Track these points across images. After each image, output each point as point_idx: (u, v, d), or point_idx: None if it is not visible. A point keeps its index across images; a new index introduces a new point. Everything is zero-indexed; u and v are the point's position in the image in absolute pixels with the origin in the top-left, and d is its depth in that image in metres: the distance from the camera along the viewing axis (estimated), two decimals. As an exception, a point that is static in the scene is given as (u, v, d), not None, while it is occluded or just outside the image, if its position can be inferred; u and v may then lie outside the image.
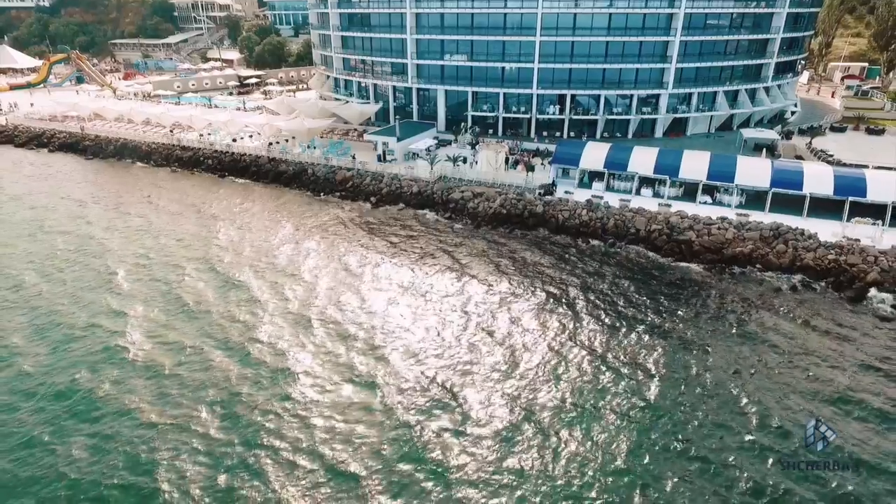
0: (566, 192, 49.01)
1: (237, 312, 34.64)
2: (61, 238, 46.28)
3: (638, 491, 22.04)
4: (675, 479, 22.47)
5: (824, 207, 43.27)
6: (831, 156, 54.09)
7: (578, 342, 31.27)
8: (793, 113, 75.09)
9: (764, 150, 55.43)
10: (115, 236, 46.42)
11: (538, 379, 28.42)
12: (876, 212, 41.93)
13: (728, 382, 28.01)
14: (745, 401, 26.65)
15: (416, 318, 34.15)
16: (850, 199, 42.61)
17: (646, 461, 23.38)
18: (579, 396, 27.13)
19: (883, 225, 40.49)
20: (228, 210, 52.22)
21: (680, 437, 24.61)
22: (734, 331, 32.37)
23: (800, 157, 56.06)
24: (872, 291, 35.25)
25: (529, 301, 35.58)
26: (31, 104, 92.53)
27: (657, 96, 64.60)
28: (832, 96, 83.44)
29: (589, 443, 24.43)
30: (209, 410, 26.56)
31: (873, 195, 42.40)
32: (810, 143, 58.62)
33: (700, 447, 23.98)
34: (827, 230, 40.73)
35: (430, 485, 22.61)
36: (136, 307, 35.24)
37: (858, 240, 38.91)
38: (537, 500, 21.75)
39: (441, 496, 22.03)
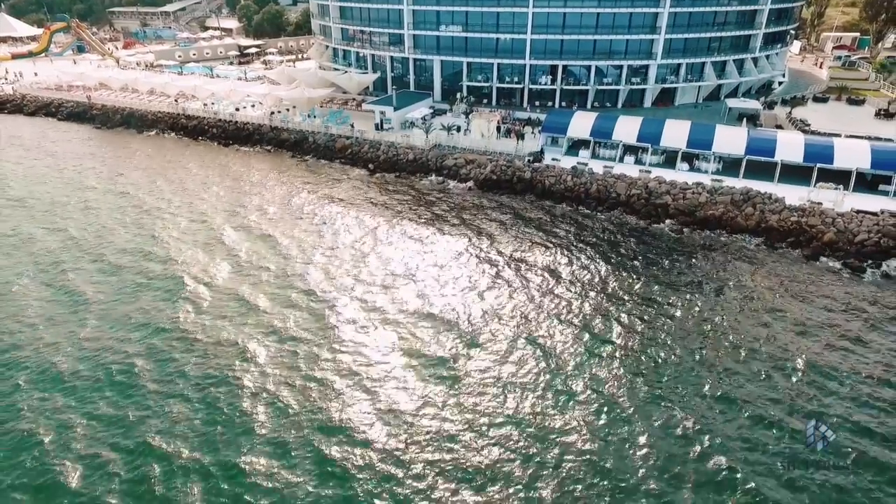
0: (553, 160, 51.85)
1: (264, 258, 39.10)
2: (101, 196, 50.82)
3: (602, 401, 25.64)
4: (641, 399, 26.07)
5: (795, 174, 46.15)
6: (808, 125, 56.65)
7: (558, 286, 34.79)
8: (780, 83, 77.11)
9: (744, 119, 57.93)
10: (144, 195, 50.59)
11: (525, 314, 32.02)
12: (842, 177, 44.87)
13: (692, 320, 31.68)
14: (705, 334, 30.54)
15: (418, 265, 38.10)
16: (818, 165, 45.55)
17: (617, 382, 26.95)
18: (559, 327, 30.70)
19: (844, 189, 43.50)
20: (237, 175, 55.28)
21: (648, 364, 28.15)
22: (699, 279, 35.84)
23: (779, 127, 58.66)
24: (829, 254, 38.51)
25: (515, 254, 38.97)
26: (35, 73, 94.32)
27: (646, 67, 66.66)
28: (820, 66, 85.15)
29: (568, 365, 28.01)
30: (249, 334, 31.04)
31: (839, 162, 45.25)
32: (790, 112, 61.06)
33: (664, 369, 27.59)
34: (794, 195, 43.63)
35: (432, 391, 26.41)
36: (177, 254, 39.80)
37: (821, 203, 41.94)
38: (519, 404, 25.39)
39: (442, 405, 25.70)
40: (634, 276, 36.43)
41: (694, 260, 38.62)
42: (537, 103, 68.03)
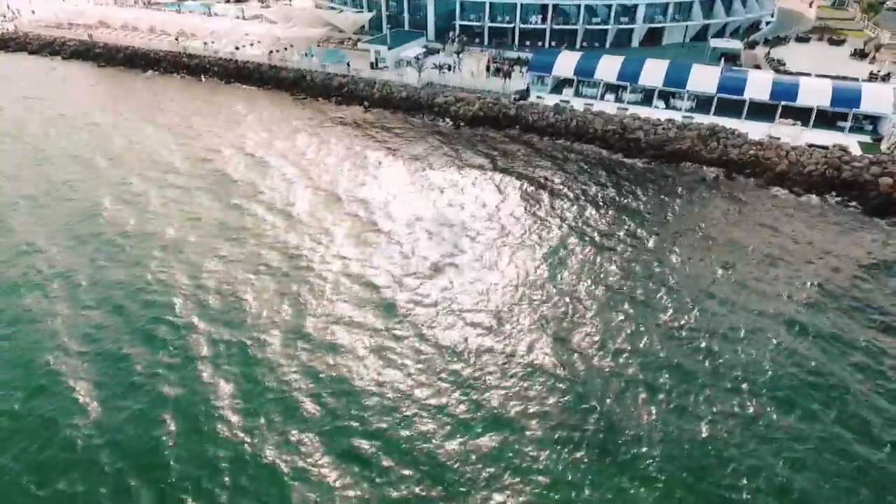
0: (538, 97, 55.00)
1: (271, 186, 43.93)
2: (136, 124, 56.23)
3: (577, 309, 30.56)
4: (621, 311, 30.96)
5: (763, 111, 49.46)
6: (783, 65, 59.32)
7: (536, 205, 39.54)
8: (767, 23, 78.54)
9: (722, 58, 60.43)
10: (176, 127, 55.18)
11: (512, 237, 36.62)
12: (806, 114, 48.22)
13: (659, 240, 36.52)
14: (671, 252, 35.41)
15: (413, 187, 42.99)
16: (783, 103, 48.85)
17: (597, 292, 31.81)
18: (546, 251, 35.27)
19: (804, 125, 47.03)
20: (245, 111, 58.97)
21: (623, 279, 32.95)
22: (661, 201, 40.42)
23: (758, 66, 61.22)
24: (781, 184, 42.60)
25: (498, 184, 43.31)
26: (33, 11, 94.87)
27: (635, 6, 68.24)
28: (809, 6, 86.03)
29: (553, 282, 32.78)
30: (256, 245, 36.06)
31: (802, 100, 48.50)
32: (769, 53, 63.43)
33: (630, 266, 32.49)
34: (758, 130, 47.21)
35: (429, 289, 31.45)
36: (191, 182, 44.83)
37: (779, 138, 45.60)
38: (505, 318, 30.32)
39: (435, 298, 30.80)
40: (604, 197, 41.25)
41: (659, 186, 42.98)
42: (528, 43, 70.06)
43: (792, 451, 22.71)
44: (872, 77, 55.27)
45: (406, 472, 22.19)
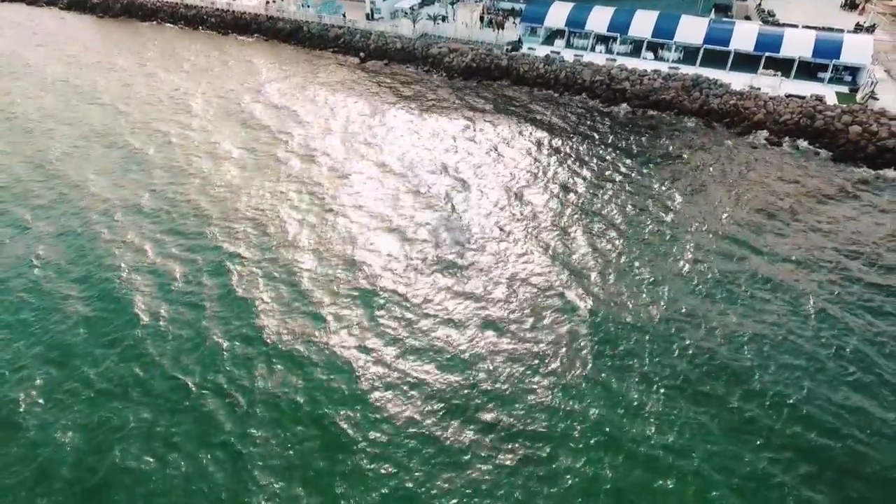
0: (529, 49, 56.20)
1: (285, 129, 47.19)
2: (132, 77, 58.45)
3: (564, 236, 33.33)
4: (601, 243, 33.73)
5: (748, 62, 50.83)
6: (773, 16, 60.11)
7: (528, 153, 42.05)
8: (764, -27, 78.17)
9: (712, 10, 61.20)
10: (173, 78, 57.70)
11: (503, 175, 39.58)
12: (788, 65, 49.68)
13: (634, 175, 39.46)
14: (644, 185, 37.94)
15: (411, 137, 45.56)
16: (767, 54, 50.21)
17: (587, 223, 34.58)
18: (533, 186, 37.95)
19: (785, 76, 48.59)
20: (243, 62, 60.72)
21: (595, 201, 35.70)
22: (644, 147, 42.72)
23: (748, 18, 61.99)
24: (757, 132, 44.59)
25: (491, 130, 45.77)
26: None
27: (630, -44, 68.18)
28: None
29: (551, 211, 35.65)
30: (261, 181, 38.83)
31: (786, 51, 49.86)
32: (759, 4, 64.00)
33: (610, 204, 35.20)
34: (741, 81, 48.78)
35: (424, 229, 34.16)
36: (207, 125, 48.19)
37: (760, 88, 47.25)
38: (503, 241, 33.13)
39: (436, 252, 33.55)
40: (586, 140, 43.99)
41: (638, 131, 45.27)
42: (523, -7, 70.33)
43: (750, 349, 26.05)
44: (858, 28, 56.25)
45: (421, 374, 25.21)
